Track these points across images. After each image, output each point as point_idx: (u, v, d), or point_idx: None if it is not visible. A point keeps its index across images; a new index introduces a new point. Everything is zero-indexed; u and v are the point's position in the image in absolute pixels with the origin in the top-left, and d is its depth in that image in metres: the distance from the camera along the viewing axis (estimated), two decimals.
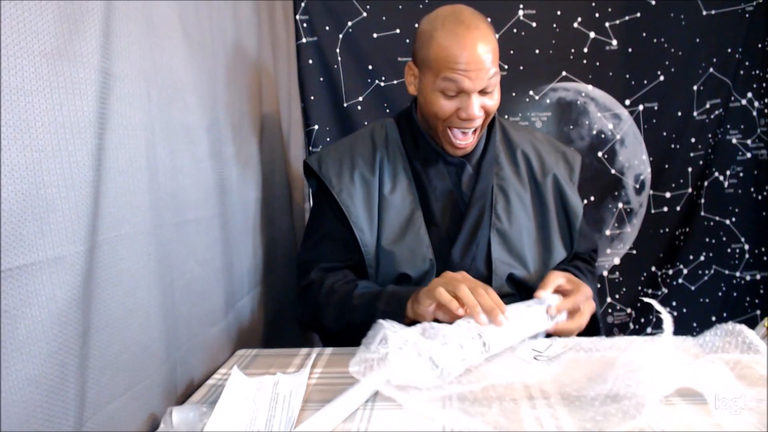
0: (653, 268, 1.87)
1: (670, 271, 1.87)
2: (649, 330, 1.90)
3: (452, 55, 0.96)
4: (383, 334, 0.74)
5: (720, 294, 1.88)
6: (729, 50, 1.77)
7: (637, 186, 1.83)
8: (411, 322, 0.87)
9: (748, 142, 1.82)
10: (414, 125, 1.11)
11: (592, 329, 1.00)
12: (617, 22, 1.75)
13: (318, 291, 1.04)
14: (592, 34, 1.75)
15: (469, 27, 0.97)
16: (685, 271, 1.87)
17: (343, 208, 1.05)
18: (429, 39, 0.99)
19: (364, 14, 1.69)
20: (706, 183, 1.84)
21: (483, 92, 0.99)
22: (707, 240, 1.86)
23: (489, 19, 1.03)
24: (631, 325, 1.88)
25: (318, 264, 1.09)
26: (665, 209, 1.85)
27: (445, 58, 0.96)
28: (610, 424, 0.61)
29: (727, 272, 1.87)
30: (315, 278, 1.08)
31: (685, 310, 1.88)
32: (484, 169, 1.10)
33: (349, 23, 1.69)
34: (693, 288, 1.87)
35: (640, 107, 1.80)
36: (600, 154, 1.81)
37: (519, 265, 1.07)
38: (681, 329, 0.77)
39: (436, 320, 0.85)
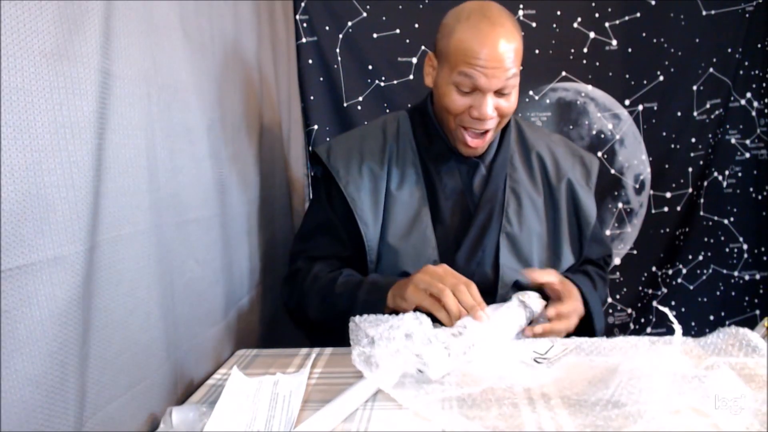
0: (653, 268, 1.87)
1: (670, 271, 1.87)
2: (649, 330, 1.90)
3: (471, 49, 0.93)
4: (368, 335, 0.75)
5: (718, 293, 1.88)
6: (729, 50, 1.78)
7: (637, 186, 1.83)
8: (391, 311, 0.90)
9: (747, 142, 1.83)
10: (428, 119, 1.08)
11: (587, 330, 1.00)
12: (617, 22, 1.75)
13: (304, 278, 1.04)
14: (592, 34, 1.75)
15: (494, 23, 0.93)
16: (684, 271, 1.87)
17: (349, 201, 1.03)
18: (451, 31, 0.96)
19: (364, 14, 1.69)
20: (705, 183, 1.84)
21: (499, 93, 0.96)
22: (706, 240, 1.86)
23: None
24: (632, 326, 1.89)
25: (307, 253, 1.09)
26: (666, 209, 1.85)
27: (463, 51, 0.93)
28: (611, 428, 0.61)
29: (725, 272, 1.88)
30: (301, 266, 1.07)
31: (683, 310, 1.88)
32: (495, 171, 1.07)
33: (349, 23, 1.69)
34: (691, 287, 1.88)
35: (640, 107, 1.80)
36: (600, 154, 1.81)
37: None
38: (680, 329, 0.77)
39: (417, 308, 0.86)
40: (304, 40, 1.68)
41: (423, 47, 1.71)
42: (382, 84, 1.73)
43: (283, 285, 1.13)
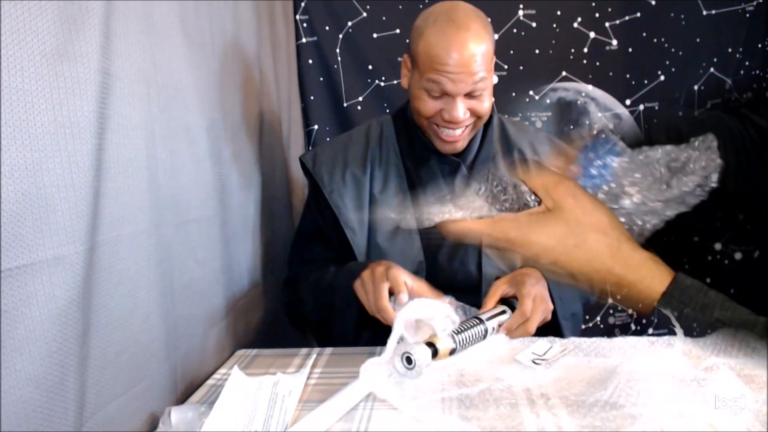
0: None
1: None
2: (650, 331, 1.89)
3: (437, 55, 0.92)
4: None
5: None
6: (729, 50, 1.77)
7: None
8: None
9: None
10: (409, 122, 1.09)
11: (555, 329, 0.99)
12: (617, 21, 1.75)
13: (301, 285, 1.07)
14: (592, 34, 1.75)
15: (460, 27, 0.92)
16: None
17: (334, 209, 1.05)
18: (420, 35, 0.96)
19: (364, 14, 1.69)
20: None
21: (470, 96, 0.96)
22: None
23: (489, 20, 1.01)
24: (633, 326, 1.88)
25: (302, 258, 1.12)
26: None
27: (430, 57, 0.93)
28: (609, 429, 0.61)
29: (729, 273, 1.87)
30: (298, 271, 1.10)
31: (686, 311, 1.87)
32: (476, 170, 1.07)
33: (349, 23, 1.69)
34: None
35: (641, 107, 1.79)
36: None
37: (507, 268, 1.04)
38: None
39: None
40: (304, 40, 1.68)
41: None
42: (382, 84, 1.73)
43: (283, 290, 1.16)
